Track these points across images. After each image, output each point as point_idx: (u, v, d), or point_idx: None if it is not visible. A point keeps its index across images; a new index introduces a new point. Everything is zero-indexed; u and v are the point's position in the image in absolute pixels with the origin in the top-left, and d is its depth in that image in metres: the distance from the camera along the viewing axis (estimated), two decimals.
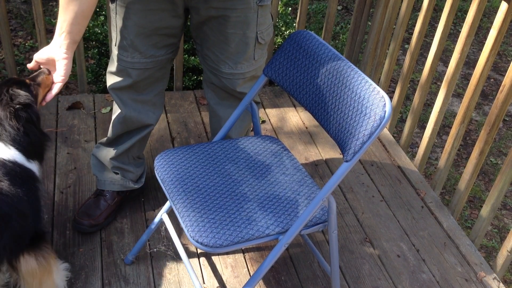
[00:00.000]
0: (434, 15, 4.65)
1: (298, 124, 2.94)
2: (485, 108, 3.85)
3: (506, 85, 2.11)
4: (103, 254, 2.09)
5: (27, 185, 1.61)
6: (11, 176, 1.56)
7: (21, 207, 1.55)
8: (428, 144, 2.67)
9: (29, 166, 1.64)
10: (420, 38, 2.64)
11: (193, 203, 1.62)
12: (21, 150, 1.62)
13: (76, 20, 1.64)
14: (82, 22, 1.67)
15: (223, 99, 2.09)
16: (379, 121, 1.46)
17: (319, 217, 1.66)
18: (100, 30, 2.98)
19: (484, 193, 3.14)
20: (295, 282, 2.08)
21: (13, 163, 1.59)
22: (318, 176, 2.60)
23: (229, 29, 1.86)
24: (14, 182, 1.55)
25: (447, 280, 2.17)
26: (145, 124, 2.09)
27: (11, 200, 1.52)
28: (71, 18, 1.63)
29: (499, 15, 2.13)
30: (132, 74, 1.93)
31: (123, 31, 1.86)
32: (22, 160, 1.62)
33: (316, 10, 4.19)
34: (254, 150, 1.87)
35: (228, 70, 1.95)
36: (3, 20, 2.65)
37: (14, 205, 1.53)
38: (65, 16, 1.64)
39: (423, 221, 2.44)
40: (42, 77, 1.71)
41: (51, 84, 1.73)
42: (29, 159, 1.65)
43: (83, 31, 1.70)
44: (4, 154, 1.58)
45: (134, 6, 1.79)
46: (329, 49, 1.67)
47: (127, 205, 2.29)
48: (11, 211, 1.52)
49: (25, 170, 1.62)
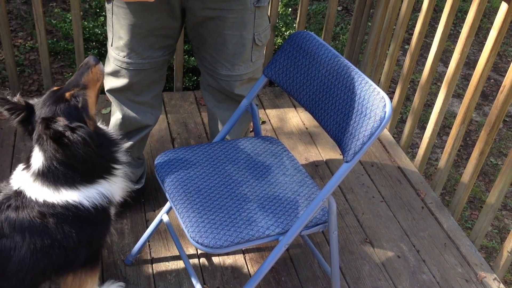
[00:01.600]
0: (434, 16, 4.65)
1: (298, 124, 2.94)
2: (485, 109, 3.85)
3: (506, 85, 2.11)
4: (104, 255, 2.08)
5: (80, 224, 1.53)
6: (60, 216, 1.51)
7: (66, 242, 1.53)
8: (428, 145, 2.66)
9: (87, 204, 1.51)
10: (420, 38, 2.64)
11: (193, 204, 1.62)
12: (76, 186, 1.50)
13: None
14: None
15: (220, 101, 2.08)
16: (379, 121, 1.46)
17: (319, 218, 1.66)
18: (100, 30, 2.98)
19: (484, 193, 3.14)
20: (295, 282, 2.08)
21: (63, 207, 1.50)
22: (318, 177, 2.60)
23: (226, 30, 1.85)
24: (62, 221, 1.51)
25: (447, 280, 2.17)
26: (143, 125, 2.09)
27: (54, 235, 1.51)
28: None
29: (499, 15, 2.13)
30: (128, 75, 1.92)
31: (120, 31, 1.85)
32: (77, 199, 1.50)
33: (316, 10, 4.19)
34: (254, 151, 1.87)
35: (225, 72, 1.94)
36: (3, 20, 2.65)
37: (57, 239, 1.52)
38: None
39: (423, 222, 2.44)
40: (87, 75, 1.53)
41: (101, 75, 1.56)
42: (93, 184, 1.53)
43: None
44: (54, 198, 1.50)
45: (130, 6, 1.78)
46: (329, 49, 1.66)
47: (128, 205, 2.28)
48: (53, 243, 1.51)
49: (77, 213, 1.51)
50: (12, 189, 1.55)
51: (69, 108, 1.49)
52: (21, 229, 1.49)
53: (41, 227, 1.50)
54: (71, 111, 1.49)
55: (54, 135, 1.41)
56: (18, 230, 1.49)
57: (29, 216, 1.49)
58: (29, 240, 1.49)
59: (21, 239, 1.49)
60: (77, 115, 1.50)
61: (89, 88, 1.54)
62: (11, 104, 1.50)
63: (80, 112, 1.51)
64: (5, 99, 1.50)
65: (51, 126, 1.40)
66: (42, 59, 2.81)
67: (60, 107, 1.48)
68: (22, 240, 1.49)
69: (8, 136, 2.59)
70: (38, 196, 1.50)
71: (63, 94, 1.51)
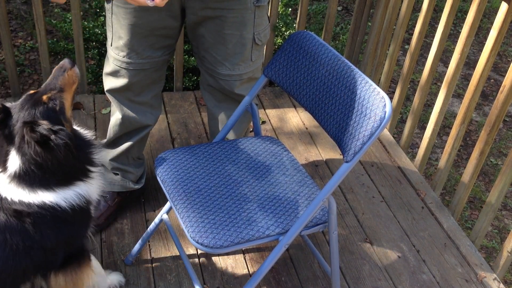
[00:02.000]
0: (434, 16, 4.65)
1: (298, 124, 2.94)
2: (485, 109, 3.85)
3: (506, 85, 2.11)
4: (104, 255, 2.08)
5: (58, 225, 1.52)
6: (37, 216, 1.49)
7: (45, 243, 1.52)
8: (428, 145, 2.66)
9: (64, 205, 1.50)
10: (420, 38, 2.64)
11: (193, 204, 1.62)
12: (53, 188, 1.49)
13: None
14: None
15: (220, 101, 2.08)
16: (379, 121, 1.46)
17: (319, 218, 1.66)
18: (100, 30, 2.98)
19: (485, 193, 3.14)
20: (295, 282, 2.08)
21: (39, 207, 1.48)
22: (318, 177, 2.60)
23: (226, 30, 1.85)
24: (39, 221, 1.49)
25: (447, 280, 2.17)
26: (143, 125, 2.08)
27: (33, 235, 1.49)
28: None
29: (499, 15, 2.13)
30: (128, 75, 1.92)
31: (119, 31, 1.85)
32: (54, 200, 1.49)
33: (316, 10, 4.19)
34: (254, 151, 1.87)
35: (225, 71, 1.94)
36: (3, 20, 2.65)
37: (36, 240, 1.50)
38: None
39: (423, 222, 2.44)
40: (63, 78, 1.52)
41: (76, 78, 1.55)
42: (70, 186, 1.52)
43: None
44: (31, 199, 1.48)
45: (130, 6, 1.78)
46: (329, 49, 1.66)
47: (127, 205, 2.29)
48: (33, 244, 1.50)
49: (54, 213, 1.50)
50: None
51: (48, 111, 1.48)
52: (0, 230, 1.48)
53: (18, 227, 1.48)
54: (50, 114, 1.48)
55: (40, 139, 1.40)
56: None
57: (5, 216, 1.48)
58: (9, 240, 1.48)
59: (2, 240, 1.48)
60: (56, 117, 1.49)
61: (65, 91, 1.53)
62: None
63: (58, 115, 1.50)
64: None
65: (36, 130, 1.40)
66: (42, 59, 2.81)
67: (39, 110, 1.47)
68: (3, 241, 1.48)
69: None
70: (13, 197, 1.48)
71: (40, 97, 1.50)
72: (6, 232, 1.48)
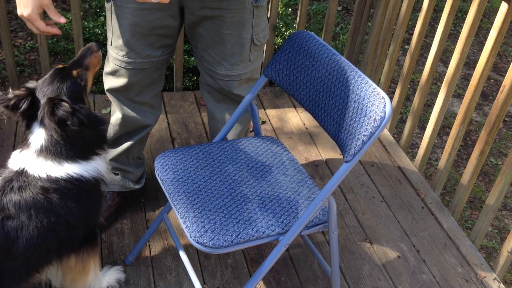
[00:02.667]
0: (434, 16, 4.65)
1: (298, 124, 2.94)
2: (485, 109, 3.85)
3: (506, 85, 2.11)
4: (104, 255, 2.08)
5: (81, 198, 1.60)
6: (63, 191, 1.56)
7: (69, 218, 1.58)
8: (428, 145, 2.67)
9: (87, 175, 1.60)
10: (420, 38, 2.64)
11: (193, 204, 1.62)
12: (76, 160, 1.58)
13: None
14: None
15: (219, 101, 2.08)
16: (379, 121, 1.46)
17: (319, 218, 1.66)
18: (100, 30, 2.98)
19: (485, 193, 3.14)
20: (295, 282, 2.08)
21: (66, 180, 1.57)
22: (318, 177, 2.60)
23: (224, 30, 1.85)
24: (65, 195, 1.57)
25: (447, 280, 2.17)
26: (143, 124, 2.09)
27: (59, 211, 1.56)
28: None
29: (499, 15, 2.13)
30: (127, 75, 1.92)
31: (119, 30, 1.85)
32: (79, 171, 1.59)
33: (316, 10, 4.19)
34: (254, 151, 1.87)
35: (224, 71, 1.94)
36: (4, 20, 2.65)
37: (62, 215, 1.57)
38: None
39: (423, 222, 2.44)
40: (90, 57, 1.63)
41: (100, 60, 1.67)
42: (89, 160, 1.62)
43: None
44: (57, 172, 1.56)
45: (129, 5, 1.78)
46: (329, 49, 1.66)
47: (128, 205, 2.29)
48: (58, 220, 1.56)
49: (79, 185, 1.59)
50: (13, 171, 1.58)
51: (75, 86, 1.59)
52: (26, 208, 1.53)
53: (45, 204, 1.54)
54: (76, 89, 1.59)
55: (58, 122, 1.50)
56: (23, 210, 1.53)
57: (32, 194, 1.54)
58: (35, 218, 1.53)
59: (27, 218, 1.53)
60: (80, 93, 1.60)
61: (90, 70, 1.65)
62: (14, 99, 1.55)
63: (81, 90, 1.61)
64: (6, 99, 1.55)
65: (56, 113, 1.49)
66: (42, 59, 2.81)
67: (67, 85, 1.57)
68: (28, 219, 1.53)
69: (8, 136, 2.59)
70: (41, 172, 1.55)
71: (70, 71, 1.60)
72: (31, 209, 1.53)
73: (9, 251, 1.54)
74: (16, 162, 1.60)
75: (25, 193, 1.53)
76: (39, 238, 1.55)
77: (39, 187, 1.54)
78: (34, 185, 1.54)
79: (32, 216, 1.53)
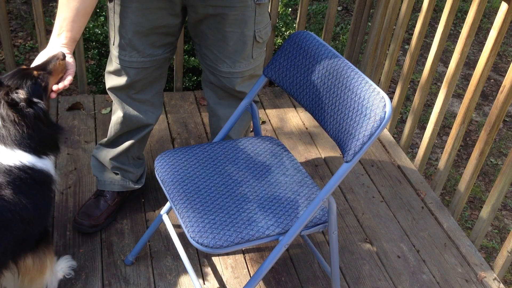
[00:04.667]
0: (434, 16, 4.65)
1: (298, 124, 2.94)
2: (485, 109, 3.85)
3: (506, 85, 2.11)
4: (103, 255, 2.08)
5: (34, 190, 1.59)
6: (16, 183, 1.55)
7: (24, 213, 1.56)
8: (428, 145, 2.66)
9: (40, 166, 1.61)
10: (420, 38, 2.64)
11: (193, 204, 1.62)
12: (30, 150, 1.59)
13: (77, 17, 1.65)
14: (83, 19, 1.67)
15: (222, 98, 2.09)
16: (379, 121, 1.46)
17: (319, 218, 1.66)
18: (100, 30, 2.98)
19: (485, 193, 3.14)
20: (295, 282, 2.08)
21: (19, 168, 1.56)
22: (318, 177, 2.60)
23: (227, 28, 1.86)
24: (18, 189, 1.55)
25: (447, 280, 2.17)
26: (144, 124, 2.09)
27: (13, 207, 1.53)
28: (73, 16, 1.63)
29: (499, 15, 2.13)
30: (130, 73, 1.94)
31: (121, 30, 1.86)
32: (31, 161, 1.59)
33: (316, 10, 4.19)
34: (254, 151, 1.87)
35: (226, 69, 1.95)
36: (3, 20, 2.65)
37: (16, 211, 1.54)
38: (66, 14, 1.63)
39: (423, 222, 2.44)
40: (54, 63, 1.65)
41: (64, 70, 1.68)
42: (41, 156, 1.63)
43: (83, 29, 1.70)
44: (10, 159, 1.56)
45: (132, 4, 1.80)
46: (329, 49, 1.67)
47: (127, 205, 2.29)
48: (13, 217, 1.53)
49: (32, 175, 1.59)
50: None
51: (35, 85, 1.62)
52: None
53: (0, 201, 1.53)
54: (35, 88, 1.62)
55: (11, 102, 1.54)
56: None
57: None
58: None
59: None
60: (39, 93, 1.63)
61: (53, 76, 1.66)
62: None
63: (41, 92, 1.63)
64: None
65: (10, 94, 1.54)
66: None
67: (26, 82, 1.61)
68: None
69: None
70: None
71: (31, 71, 1.64)
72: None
73: None
74: None
75: None
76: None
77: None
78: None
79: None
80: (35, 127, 1.58)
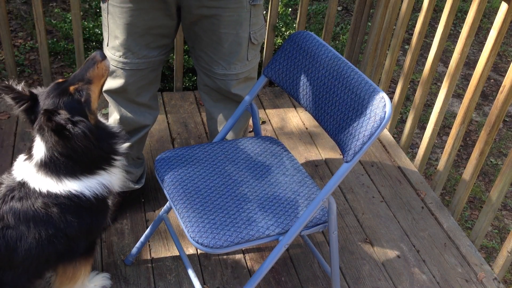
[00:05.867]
0: (434, 16, 4.65)
1: (298, 124, 2.94)
2: (485, 109, 3.85)
3: (506, 85, 2.11)
4: (104, 255, 2.08)
5: (81, 212, 1.58)
6: (62, 206, 1.54)
7: (68, 231, 1.57)
8: (428, 145, 2.66)
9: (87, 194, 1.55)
10: (420, 38, 2.64)
11: (193, 204, 1.62)
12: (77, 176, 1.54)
13: None
14: None
15: (217, 101, 2.08)
16: (379, 121, 1.46)
17: (319, 218, 1.66)
18: (100, 30, 2.98)
19: (484, 193, 3.14)
20: (295, 282, 2.08)
21: (66, 197, 1.54)
22: (318, 177, 2.60)
23: (221, 29, 1.85)
24: (66, 209, 1.55)
25: (447, 280, 2.17)
26: (141, 125, 2.08)
27: (58, 224, 1.55)
28: None
29: (499, 15, 2.13)
30: (124, 75, 1.92)
31: (115, 31, 1.85)
32: (79, 189, 1.54)
33: (316, 10, 4.19)
34: (254, 151, 1.87)
35: (221, 71, 1.94)
36: (3, 20, 2.65)
37: (60, 228, 1.56)
38: None
39: (423, 222, 2.44)
40: (93, 69, 1.54)
41: (106, 71, 1.57)
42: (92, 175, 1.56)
43: None
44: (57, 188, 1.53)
45: (126, 5, 1.78)
46: (329, 49, 1.66)
47: (128, 205, 2.29)
48: (57, 233, 1.56)
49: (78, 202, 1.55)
50: (15, 180, 1.57)
51: (72, 102, 1.51)
52: (25, 219, 1.53)
53: (45, 217, 1.53)
54: (74, 105, 1.51)
55: (55, 128, 1.43)
56: (23, 221, 1.52)
57: (33, 207, 1.53)
58: (34, 229, 1.53)
59: (26, 229, 1.53)
60: (80, 109, 1.52)
61: (94, 83, 1.56)
62: (16, 93, 1.52)
63: (82, 106, 1.53)
64: (10, 87, 1.52)
65: (53, 119, 1.43)
66: (42, 59, 2.81)
67: (63, 100, 1.50)
68: (27, 230, 1.53)
69: (8, 137, 2.59)
70: (42, 187, 1.53)
71: (67, 87, 1.52)
72: (30, 222, 1.52)
73: (10, 260, 1.55)
74: (19, 172, 1.58)
75: (26, 204, 1.53)
76: (38, 249, 1.54)
77: (40, 201, 1.53)
78: (35, 198, 1.53)
79: (30, 227, 1.52)
80: (83, 147, 1.48)
